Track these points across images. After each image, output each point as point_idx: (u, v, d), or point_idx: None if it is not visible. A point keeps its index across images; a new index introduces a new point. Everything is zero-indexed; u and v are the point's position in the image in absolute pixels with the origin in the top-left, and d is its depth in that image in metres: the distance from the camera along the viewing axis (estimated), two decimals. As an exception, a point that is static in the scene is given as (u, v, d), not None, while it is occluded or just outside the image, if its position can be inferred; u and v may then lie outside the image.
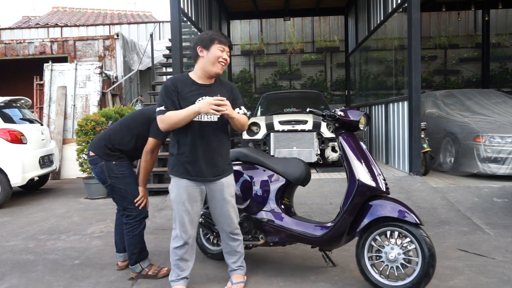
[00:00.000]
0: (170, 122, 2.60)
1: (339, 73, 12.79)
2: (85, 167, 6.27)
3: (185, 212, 2.73)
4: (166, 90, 2.68)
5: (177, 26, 6.23)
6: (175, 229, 2.77)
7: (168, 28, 11.42)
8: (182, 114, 2.59)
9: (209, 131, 2.72)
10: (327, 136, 6.92)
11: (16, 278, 3.28)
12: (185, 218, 2.73)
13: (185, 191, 2.73)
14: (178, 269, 2.81)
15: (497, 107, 7.11)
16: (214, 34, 2.72)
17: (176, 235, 2.77)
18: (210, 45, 2.67)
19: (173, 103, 2.65)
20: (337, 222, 2.83)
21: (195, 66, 2.77)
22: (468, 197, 5.09)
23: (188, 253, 2.80)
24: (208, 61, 2.68)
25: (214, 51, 2.66)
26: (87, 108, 8.46)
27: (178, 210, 2.75)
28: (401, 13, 6.88)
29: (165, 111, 2.63)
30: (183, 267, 2.81)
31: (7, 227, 4.80)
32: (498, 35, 12.15)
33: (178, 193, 2.73)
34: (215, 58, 2.67)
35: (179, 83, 2.71)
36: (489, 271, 3.12)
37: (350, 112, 2.93)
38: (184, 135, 2.70)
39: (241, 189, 3.25)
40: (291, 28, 12.98)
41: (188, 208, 2.74)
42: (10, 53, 9.43)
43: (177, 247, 2.76)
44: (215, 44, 2.67)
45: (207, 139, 2.72)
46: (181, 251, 2.76)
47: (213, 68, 2.69)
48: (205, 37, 2.69)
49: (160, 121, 2.63)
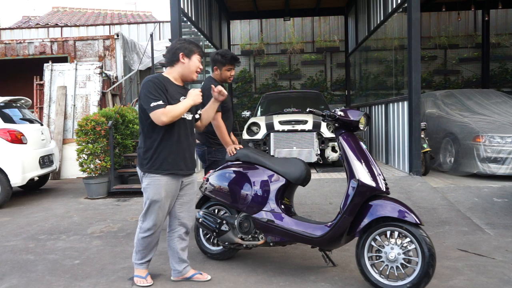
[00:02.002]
0: (174, 115, 2.75)
1: (339, 73, 12.80)
2: (85, 167, 6.27)
3: (161, 209, 2.89)
4: (157, 86, 2.78)
5: (177, 26, 6.23)
6: (144, 222, 2.93)
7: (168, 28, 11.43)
8: (182, 107, 2.79)
9: (188, 128, 2.95)
10: (327, 136, 6.92)
11: (16, 278, 3.28)
12: (159, 214, 2.90)
13: (164, 189, 2.85)
14: (142, 253, 3.01)
15: (497, 107, 7.11)
16: (195, 46, 2.95)
17: (147, 228, 2.92)
18: (191, 55, 2.90)
19: (165, 98, 2.79)
20: (337, 222, 2.83)
21: (171, 69, 2.95)
22: (468, 197, 5.09)
23: (155, 239, 3.01)
24: (189, 68, 2.91)
25: (194, 60, 2.92)
26: (87, 108, 8.46)
27: (153, 208, 2.88)
28: (401, 13, 6.88)
29: (164, 105, 2.74)
30: (148, 252, 3.02)
31: (7, 227, 4.80)
32: (498, 35, 12.15)
33: (157, 192, 2.85)
34: (196, 67, 2.93)
35: (164, 82, 2.86)
36: (489, 271, 3.12)
37: (350, 112, 2.93)
38: (168, 130, 2.83)
39: (241, 189, 3.25)
40: (291, 28, 12.99)
41: (164, 206, 2.90)
42: (10, 53, 9.43)
43: (146, 237, 2.95)
44: (196, 55, 2.92)
45: (187, 135, 2.93)
46: (150, 239, 2.96)
47: (192, 75, 2.95)
48: (188, 46, 2.91)
49: (163, 114, 2.71)
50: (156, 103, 2.72)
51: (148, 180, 2.87)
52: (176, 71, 2.94)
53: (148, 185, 2.87)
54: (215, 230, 3.30)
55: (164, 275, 3.22)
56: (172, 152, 2.85)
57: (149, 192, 2.87)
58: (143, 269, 3.06)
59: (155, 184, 2.84)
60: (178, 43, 2.93)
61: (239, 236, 3.22)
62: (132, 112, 7.12)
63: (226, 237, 3.25)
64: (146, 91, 2.78)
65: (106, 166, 6.22)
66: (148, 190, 2.87)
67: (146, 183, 2.89)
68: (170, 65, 2.95)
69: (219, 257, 3.47)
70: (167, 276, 3.20)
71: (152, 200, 2.86)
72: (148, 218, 2.91)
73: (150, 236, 2.95)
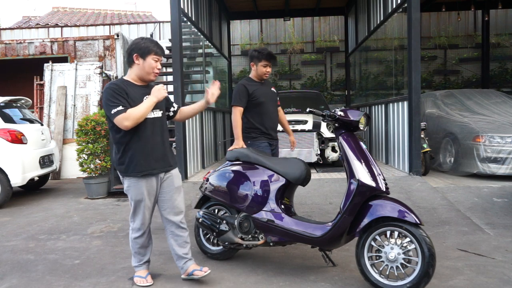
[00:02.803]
0: (136, 117, 2.73)
1: (339, 73, 12.79)
2: (85, 167, 6.27)
3: (146, 208, 2.94)
4: (115, 92, 2.76)
5: (177, 26, 6.23)
6: (134, 222, 2.98)
7: (168, 28, 11.43)
8: (144, 107, 2.76)
9: (157, 126, 2.92)
10: (327, 136, 6.92)
11: (16, 278, 3.28)
12: (146, 213, 2.95)
13: (145, 189, 2.89)
14: (139, 255, 3.06)
15: (497, 107, 7.11)
16: (151, 45, 2.85)
17: (136, 228, 2.99)
18: (146, 55, 2.82)
19: (126, 102, 2.76)
20: (337, 222, 2.83)
21: (130, 70, 2.92)
22: (468, 197, 5.09)
23: (147, 239, 3.05)
24: (144, 69, 2.85)
25: (149, 61, 2.83)
26: (87, 108, 8.46)
27: (139, 208, 2.93)
28: (401, 13, 6.88)
29: (125, 109, 2.72)
30: (144, 252, 3.07)
31: (7, 227, 4.80)
32: (497, 35, 12.15)
33: (138, 192, 2.89)
34: (151, 68, 2.85)
35: (124, 85, 2.83)
36: (489, 271, 3.12)
37: (350, 112, 2.93)
38: (135, 132, 2.82)
39: (241, 189, 3.25)
40: (291, 28, 12.98)
41: (148, 204, 2.94)
42: (10, 53, 9.43)
43: (138, 237, 3.00)
44: (151, 55, 2.83)
45: (156, 133, 2.92)
46: (141, 239, 3.01)
47: (149, 77, 2.89)
48: (142, 46, 2.83)
49: (124, 119, 2.70)
50: (116, 109, 2.71)
51: (127, 183, 2.92)
52: (133, 72, 2.90)
53: (129, 187, 2.92)
54: (215, 230, 3.30)
55: (164, 275, 3.22)
56: (143, 153, 2.85)
57: (131, 194, 2.92)
58: (143, 270, 3.08)
59: (135, 185, 2.89)
60: (134, 43, 2.87)
61: (239, 236, 3.22)
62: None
63: (226, 237, 3.25)
64: (106, 98, 2.77)
65: (106, 166, 6.22)
66: (130, 192, 2.93)
67: (126, 185, 2.94)
68: (129, 66, 2.92)
69: (219, 257, 3.47)
70: (167, 276, 3.21)
71: (136, 201, 2.92)
72: (136, 218, 2.98)
73: (141, 236, 3.01)
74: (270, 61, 3.85)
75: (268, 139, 3.89)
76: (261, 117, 3.86)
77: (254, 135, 3.87)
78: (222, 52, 10.73)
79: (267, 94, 3.93)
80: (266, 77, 3.95)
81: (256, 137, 3.86)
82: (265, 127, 3.87)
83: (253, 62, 3.88)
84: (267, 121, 3.89)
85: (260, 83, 3.93)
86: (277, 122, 4.08)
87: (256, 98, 3.83)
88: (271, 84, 4.12)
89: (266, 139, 3.88)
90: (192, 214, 4.76)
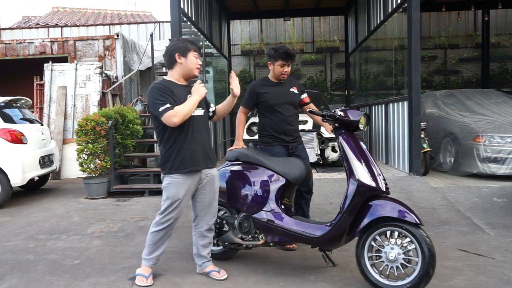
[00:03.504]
0: (183, 114, 2.81)
1: (339, 73, 12.79)
2: (85, 167, 6.27)
3: (179, 207, 2.96)
4: (161, 90, 2.87)
5: (177, 26, 6.23)
6: (162, 218, 2.96)
7: (168, 28, 11.43)
8: (190, 104, 2.85)
9: (200, 124, 2.99)
10: (327, 136, 6.92)
11: (16, 278, 3.28)
12: (176, 212, 2.96)
13: (184, 188, 2.92)
14: (152, 248, 3.05)
15: (497, 107, 7.11)
16: (189, 43, 2.98)
17: (161, 222, 2.97)
18: (187, 53, 2.95)
19: (172, 101, 2.85)
20: (337, 222, 2.83)
21: (172, 71, 3.02)
22: (468, 197, 5.09)
23: (167, 235, 3.04)
24: (187, 67, 2.96)
25: (191, 58, 2.96)
26: (87, 108, 8.46)
27: (173, 206, 2.93)
28: (401, 13, 6.88)
29: (172, 107, 2.81)
30: (157, 248, 3.05)
31: (7, 227, 4.80)
32: (498, 35, 12.15)
33: (178, 191, 2.92)
34: (194, 64, 2.97)
35: (169, 85, 2.93)
36: (489, 271, 3.12)
37: (350, 112, 2.93)
38: (181, 130, 2.90)
39: (241, 189, 3.25)
40: (291, 28, 12.98)
41: (183, 203, 2.96)
42: (10, 53, 9.43)
43: (160, 230, 2.99)
44: (191, 52, 2.95)
45: (199, 130, 2.96)
46: (162, 233, 3.00)
47: (193, 72, 2.99)
48: (182, 46, 2.96)
49: (172, 116, 2.79)
50: (164, 107, 2.80)
51: (169, 180, 2.95)
52: (176, 72, 3.00)
53: (169, 184, 2.94)
54: (215, 230, 3.30)
55: (164, 275, 3.22)
56: (188, 150, 2.91)
57: (169, 191, 2.93)
58: (148, 267, 3.08)
59: (176, 183, 2.92)
60: (172, 44, 2.99)
61: (239, 236, 3.22)
62: (132, 112, 7.12)
63: (226, 237, 3.25)
64: (152, 97, 2.86)
65: (106, 166, 6.22)
66: (168, 189, 2.94)
67: (167, 182, 2.96)
68: (170, 67, 3.01)
69: (219, 257, 3.47)
70: (167, 276, 3.21)
71: (172, 199, 2.92)
72: (167, 215, 2.96)
73: (162, 230, 2.99)
74: (287, 60, 3.58)
75: (281, 144, 3.65)
76: (272, 120, 3.65)
77: (266, 139, 3.69)
78: (222, 52, 10.74)
79: (282, 96, 3.66)
80: (284, 78, 3.67)
81: (268, 142, 3.67)
82: (276, 131, 3.63)
83: (270, 61, 3.65)
84: (278, 124, 3.64)
85: (276, 84, 3.69)
86: (296, 124, 3.75)
87: (266, 100, 3.62)
88: (292, 84, 3.78)
89: (279, 144, 3.64)
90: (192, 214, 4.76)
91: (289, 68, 3.63)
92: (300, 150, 3.73)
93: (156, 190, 6.22)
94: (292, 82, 3.80)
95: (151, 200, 5.82)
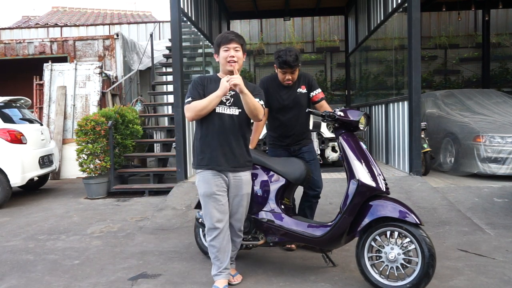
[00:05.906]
0: (195, 110, 2.80)
1: (339, 73, 12.79)
2: (84, 167, 6.26)
3: (216, 203, 2.83)
4: (194, 84, 2.93)
5: (177, 26, 6.22)
6: (206, 222, 2.87)
7: (168, 28, 11.41)
8: (206, 101, 2.81)
9: (228, 123, 2.86)
10: (327, 136, 6.91)
11: (16, 278, 3.27)
12: (215, 209, 2.83)
13: (212, 183, 2.84)
14: (218, 262, 2.89)
15: (497, 107, 7.10)
16: (218, 38, 2.96)
17: (209, 228, 2.85)
18: (218, 50, 2.95)
19: (199, 95, 2.86)
20: (337, 222, 2.82)
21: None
22: (468, 197, 5.08)
23: (224, 241, 2.86)
24: (221, 62, 2.96)
25: (221, 53, 2.93)
26: (87, 108, 8.45)
27: (207, 203, 2.85)
28: (401, 13, 6.87)
29: (191, 101, 2.83)
30: (222, 257, 2.88)
31: (7, 227, 4.79)
32: (498, 35, 12.14)
33: (206, 186, 2.86)
34: (223, 59, 2.92)
35: (206, 79, 2.96)
36: (489, 271, 3.12)
37: (350, 112, 2.93)
38: (207, 126, 2.88)
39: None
40: (291, 28, 12.97)
41: (218, 199, 2.83)
42: (10, 53, 9.42)
43: (213, 239, 2.84)
44: (221, 47, 2.93)
45: (225, 131, 2.86)
46: (217, 241, 2.84)
47: (226, 67, 2.93)
48: (215, 43, 2.98)
49: (186, 110, 2.84)
50: (187, 100, 2.86)
51: (198, 177, 2.93)
52: (220, 68, 3.03)
53: (199, 181, 2.92)
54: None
55: (164, 276, 3.21)
56: (209, 147, 2.86)
57: (199, 188, 2.90)
58: (223, 280, 2.89)
59: (203, 179, 2.87)
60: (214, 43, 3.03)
61: (239, 236, 3.21)
62: (132, 112, 7.11)
63: (226, 237, 3.24)
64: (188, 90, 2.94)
65: (106, 166, 6.21)
66: (199, 186, 2.91)
67: (197, 179, 2.94)
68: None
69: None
70: (167, 276, 3.20)
71: (204, 195, 2.86)
72: (207, 217, 2.85)
73: (216, 237, 2.83)
74: (284, 68, 3.40)
75: (283, 147, 3.59)
76: (274, 123, 3.60)
77: (270, 141, 3.68)
78: (222, 52, 10.70)
79: (285, 99, 3.52)
80: (288, 84, 3.49)
81: (271, 143, 3.67)
82: (277, 133, 3.60)
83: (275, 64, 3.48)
84: (280, 127, 3.57)
85: (284, 87, 3.54)
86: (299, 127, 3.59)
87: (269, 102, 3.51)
88: (301, 82, 3.57)
89: (281, 147, 3.60)
90: (192, 214, 4.76)
91: (293, 75, 3.45)
92: (304, 152, 3.60)
93: (156, 190, 6.22)
94: (301, 80, 3.58)
95: (151, 200, 5.81)
